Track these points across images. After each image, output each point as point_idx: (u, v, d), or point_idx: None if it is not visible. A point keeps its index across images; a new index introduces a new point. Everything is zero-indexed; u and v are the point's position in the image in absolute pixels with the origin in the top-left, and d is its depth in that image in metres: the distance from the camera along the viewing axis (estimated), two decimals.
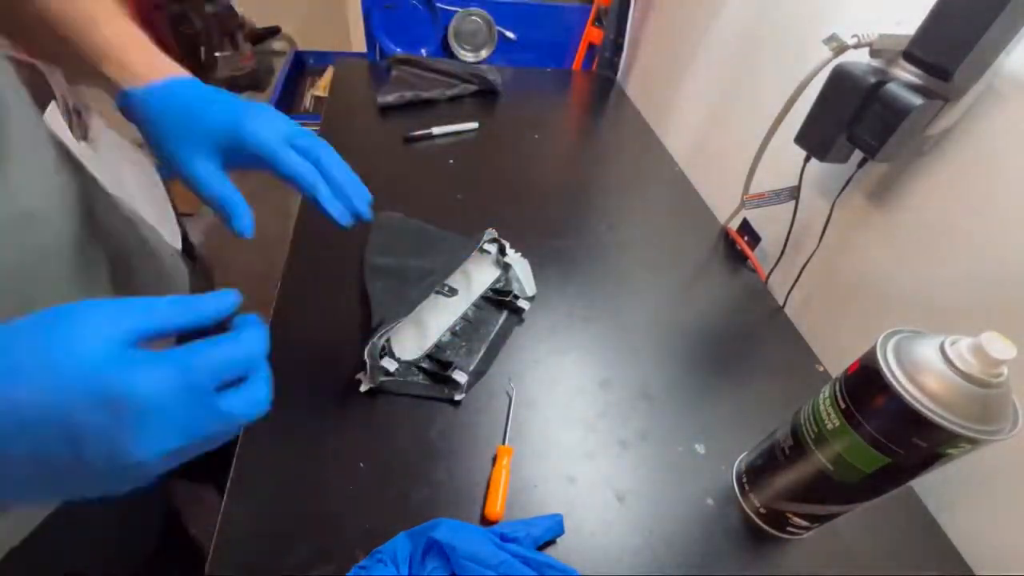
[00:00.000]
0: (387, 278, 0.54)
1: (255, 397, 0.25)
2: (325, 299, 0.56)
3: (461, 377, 0.49)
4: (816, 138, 0.55)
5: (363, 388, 0.47)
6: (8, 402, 0.20)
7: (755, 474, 0.44)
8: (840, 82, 0.51)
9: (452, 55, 1.15)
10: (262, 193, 0.66)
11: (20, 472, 0.21)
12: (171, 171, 0.37)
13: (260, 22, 1.67)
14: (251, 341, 0.25)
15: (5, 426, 0.20)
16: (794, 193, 0.63)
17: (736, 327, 0.62)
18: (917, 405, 0.30)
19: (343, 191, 0.38)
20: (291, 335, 0.51)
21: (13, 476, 0.21)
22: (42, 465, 0.21)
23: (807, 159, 0.58)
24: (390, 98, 0.88)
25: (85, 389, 0.20)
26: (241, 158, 0.37)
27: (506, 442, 0.46)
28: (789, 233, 0.65)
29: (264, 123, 0.37)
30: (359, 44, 1.10)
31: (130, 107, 0.36)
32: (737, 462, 0.47)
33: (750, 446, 0.46)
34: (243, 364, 0.25)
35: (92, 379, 0.21)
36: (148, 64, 0.37)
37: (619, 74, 1.13)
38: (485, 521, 0.40)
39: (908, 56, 0.47)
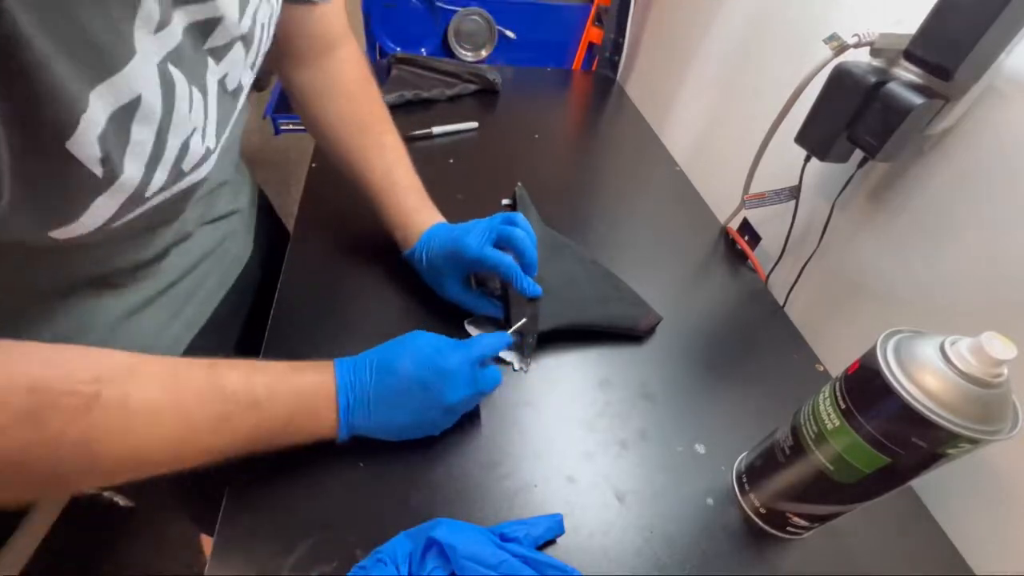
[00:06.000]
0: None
1: (495, 374, 0.45)
2: (324, 299, 0.56)
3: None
4: (816, 138, 0.55)
5: (524, 369, 0.52)
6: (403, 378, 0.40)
7: (755, 474, 0.44)
8: (840, 82, 0.51)
9: (452, 55, 1.15)
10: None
11: (403, 418, 0.41)
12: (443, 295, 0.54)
13: None
14: (499, 342, 0.45)
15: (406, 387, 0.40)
16: (794, 193, 0.63)
17: (736, 327, 0.62)
18: (917, 405, 0.30)
19: (532, 267, 0.50)
20: (290, 332, 0.51)
21: (400, 423, 0.41)
22: (414, 411, 0.41)
23: (807, 159, 0.58)
24: (390, 98, 0.88)
25: (431, 365, 0.41)
26: (471, 266, 0.51)
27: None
28: (789, 233, 0.65)
29: (471, 237, 0.50)
30: (359, 43, 1.10)
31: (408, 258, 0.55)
32: (737, 462, 0.47)
33: (750, 446, 0.46)
34: (494, 352, 0.45)
35: (433, 359, 0.41)
36: (420, 225, 0.54)
37: (619, 74, 1.13)
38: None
39: (909, 55, 0.47)
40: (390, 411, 0.40)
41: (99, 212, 0.29)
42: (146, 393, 0.31)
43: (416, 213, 0.54)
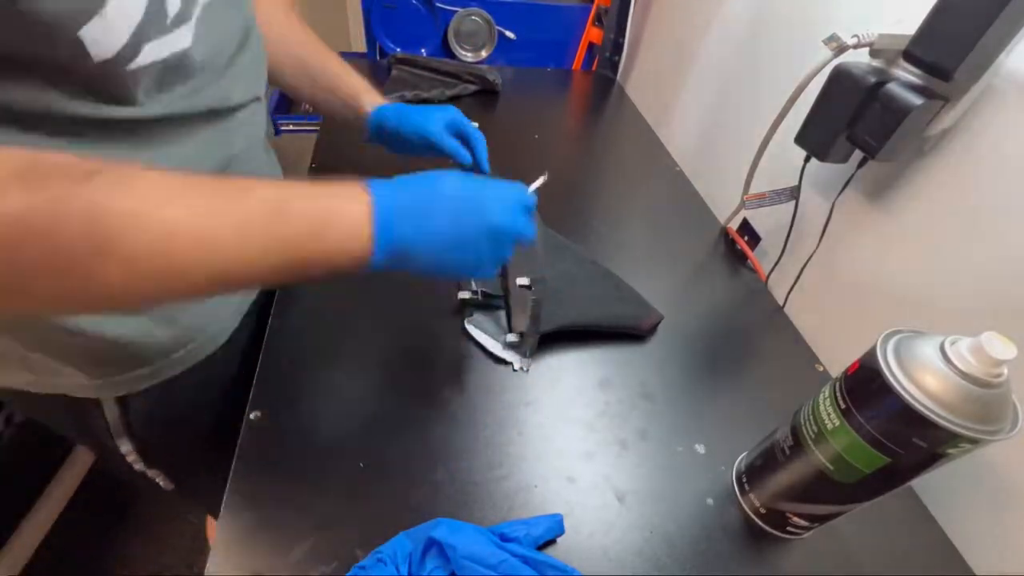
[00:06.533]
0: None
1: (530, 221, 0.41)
2: (323, 300, 0.56)
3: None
4: (816, 138, 0.55)
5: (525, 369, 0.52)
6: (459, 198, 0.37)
7: (755, 474, 0.44)
8: (840, 82, 0.51)
9: (452, 55, 1.15)
10: None
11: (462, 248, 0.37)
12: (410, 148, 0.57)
13: None
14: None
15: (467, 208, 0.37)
16: (794, 193, 0.63)
17: (736, 327, 0.62)
18: (917, 405, 0.30)
19: (483, 164, 0.56)
20: (290, 335, 0.51)
21: (442, 234, 0.36)
22: (456, 223, 0.36)
23: (807, 159, 0.58)
24: (390, 98, 0.88)
25: (476, 183, 0.38)
26: (424, 143, 0.55)
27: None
28: (789, 233, 0.65)
29: (437, 117, 0.55)
30: (359, 44, 1.10)
31: (376, 121, 0.58)
32: (737, 462, 0.47)
33: (750, 446, 0.46)
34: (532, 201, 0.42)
35: (477, 180, 0.38)
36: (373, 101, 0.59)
37: (619, 74, 1.13)
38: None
39: (908, 56, 0.47)
40: (431, 219, 0.35)
41: (126, 6, 0.29)
42: (156, 178, 0.28)
43: (368, 93, 0.60)
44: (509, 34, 1.16)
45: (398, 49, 1.13)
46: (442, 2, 1.10)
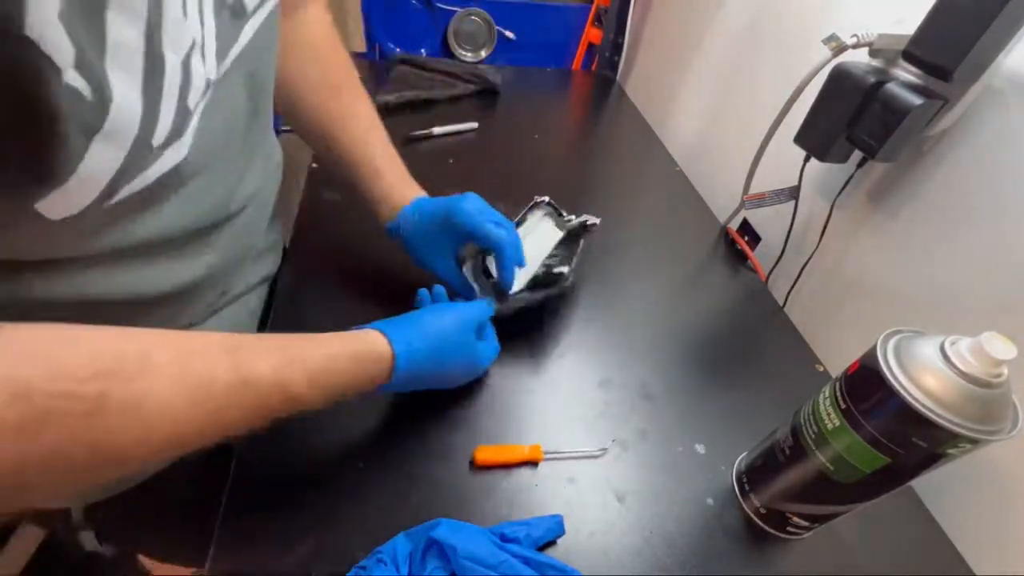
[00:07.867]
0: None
1: (494, 344, 0.49)
2: (323, 299, 0.56)
3: (564, 268, 0.53)
4: (816, 138, 0.55)
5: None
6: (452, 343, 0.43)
7: (755, 474, 0.44)
8: (840, 82, 0.51)
9: (452, 55, 1.15)
10: None
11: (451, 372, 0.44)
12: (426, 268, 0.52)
13: None
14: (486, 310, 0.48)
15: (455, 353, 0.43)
16: (794, 193, 0.63)
17: (736, 327, 0.62)
18: (917, 405, 0.30)
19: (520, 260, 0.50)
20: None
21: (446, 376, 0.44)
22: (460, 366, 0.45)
23: (807, 159, 0.58)
24: (390, 98, 0.88)
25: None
26: (462, 237, 0.49)
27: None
28: (789, 233, 0.65)
29: (468, 203, 0.48)
30: (359, 44, 1.10)
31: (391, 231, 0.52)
32: (737, 462, 0.47)
33: (750, 446, 0.46)
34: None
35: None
36: (406, 195, 0.52)
37: (619, 74, 1.13)
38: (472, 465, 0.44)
39: (908, 56, 0.47)
40: (436, 369, 0.42)
41: (99, 166, 0.23)
42: (163, 393, 0.26)
43: (402, 182, 0.52)
44: (509, 34, 1.16)
45: (398, 49, 1.13)
46: (442, 2, 1.10)
